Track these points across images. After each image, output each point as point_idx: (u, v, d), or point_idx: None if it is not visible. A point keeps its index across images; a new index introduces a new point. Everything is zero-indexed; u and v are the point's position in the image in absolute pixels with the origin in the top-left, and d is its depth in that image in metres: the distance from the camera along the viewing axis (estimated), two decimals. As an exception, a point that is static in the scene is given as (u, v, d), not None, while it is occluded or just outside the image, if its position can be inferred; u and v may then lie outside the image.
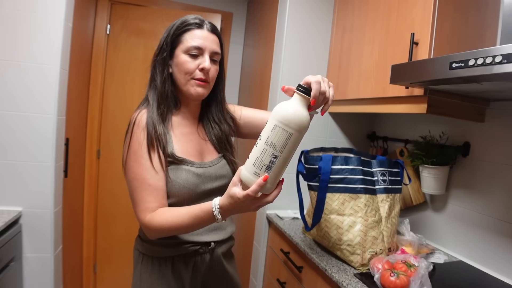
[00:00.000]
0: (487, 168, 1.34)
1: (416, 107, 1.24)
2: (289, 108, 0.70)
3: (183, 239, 0.93)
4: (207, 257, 0.99)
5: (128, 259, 2.35)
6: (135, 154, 0.87)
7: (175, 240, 0.93)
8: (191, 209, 0.78)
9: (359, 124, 1.99)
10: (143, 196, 0.85)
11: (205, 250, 0.98)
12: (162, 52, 0.94)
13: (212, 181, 0.97)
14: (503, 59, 0.77)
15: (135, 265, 1.01)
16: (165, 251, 0.94)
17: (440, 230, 1.52)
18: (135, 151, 0.87)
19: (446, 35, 1.20)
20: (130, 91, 2.29)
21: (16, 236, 1.44)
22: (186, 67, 0.91)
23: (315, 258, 1.27)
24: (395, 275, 1.01)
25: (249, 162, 0.72)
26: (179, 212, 0.80)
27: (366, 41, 1.54)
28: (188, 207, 0.79)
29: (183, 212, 0.80)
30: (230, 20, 2.51)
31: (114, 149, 2.29)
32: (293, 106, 0.70)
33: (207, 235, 0.97)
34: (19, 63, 1.46)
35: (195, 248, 0.95)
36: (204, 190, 0.94)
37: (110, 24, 2.22)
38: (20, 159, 1.49)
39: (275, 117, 0.70)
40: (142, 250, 0.98)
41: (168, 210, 0.83)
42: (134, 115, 0.90)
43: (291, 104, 0.70)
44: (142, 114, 0.89)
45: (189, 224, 0.79)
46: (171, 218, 0.81)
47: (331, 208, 1.24)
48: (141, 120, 0.88)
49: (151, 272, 0.95)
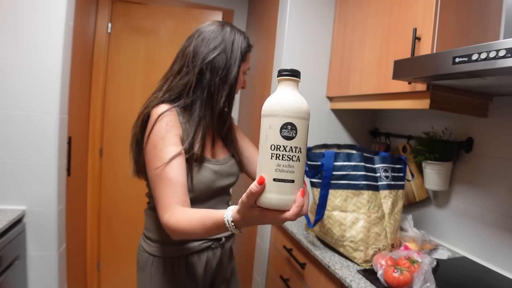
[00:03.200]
0: (490, 163, 1.33)
1: (419, 102, 1.24)
2: (297, 98, 0.58)
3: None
4: (218, 252, 1.02)
5: (132, 256, 2.36)
6: (155, 149, 0.84)
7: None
8: (204, 220, 0.71)
9: (361, 121, 1.98)
10: (163, 192, 0.81)
11: (216, 245, 1.01)
12: (229, 68, 0.91)
13: (225, 178, 0.99)
14: (507, 53, 0.77)
15: (142, 267, 0.99)
16: (178, 250, 0.95)
17: (443, 226, 1.52)
18: (155, 146, 0.84)
19: (449, 29, 1.19)
20: (131, 89, 2.29)
21: (20, 234, 1.45)
22: (240, 86, 0.97)
23: (318, 254, 1.27)
24: (398, 271, 1.01)
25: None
26: (192, 220, 0.73)
27: (368, 36, 1.53)
28: (201, 216, 0.72)
29: (196, 220, 0.72)
30: (231, 17, 2.50)
31: (117, 147, 2.30)
32: (294, 94, 0.58)
33: None
34: (21, 62, 1.46)
35: (208, 244, 0.98)
36: (218, 187, 0.97)
37: (111, 22, 2.22)
38: (23, 158, 1.49)
39: (289, 115, 0.56)
40: (152, 252, 0.96)
41: (184, 214, 0.76)
42: (157, 110, 0.87)
43: (287, 93, 0.58)
44: (162, 108, 0.88)
45: (201, 233, 0.72)
46: (184, 224, 0.74)
47: (334, 204, 1.24)
48: (165, 116, 0.86)
49: (163, 273, 0.94)
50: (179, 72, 0.91)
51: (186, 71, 0.90)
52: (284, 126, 0.55)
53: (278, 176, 0.55)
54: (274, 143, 0.55)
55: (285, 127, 0.55)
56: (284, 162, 0.55)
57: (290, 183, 0.55)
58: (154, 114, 0.87)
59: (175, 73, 0.92)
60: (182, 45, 0.96)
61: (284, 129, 0.55)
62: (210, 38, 0.91)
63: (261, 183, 0.54)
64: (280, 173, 0.55)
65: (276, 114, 0.56)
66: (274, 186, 0.55)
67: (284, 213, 0.56)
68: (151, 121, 0.87)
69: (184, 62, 0.91)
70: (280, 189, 0.55)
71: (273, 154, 0.55)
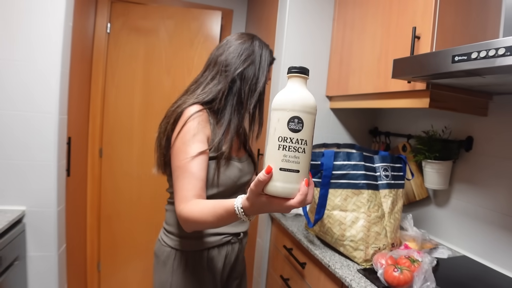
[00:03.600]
0: (490, 162, 1.33)
1: (419, 101, 1.24)
2: (303, 94, 0.62)
3: (218, 231, 1.02)
4: (236, 247, 1.09)
5: (132, 256, 2.36)
6: (183, 144, 0.90)
7: (210, 231, 1.01)
8: (216, 208, 0.75)
9: (361, 120, 1.98)
10: (183, 184, 0.87)
11: (235, 240, 1.08)
12: (258, 77, 1.01)
13: (245, 175, 1.07)
14: (506, 52, 0.77)
15: (163, 261, 1.02)
16: (200, 244, 1.01)
17: (443, 225, 1.52)
18: (184, 141, 0.90)
19: (448, 28, 1.18)
20: (131, 89, 2.29)
21: (20, 235, 1.45)
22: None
23: (318, 254, 1.27)
24: (398, 271, 1.00)
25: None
26: (204, 209, 0.78)
27: (367, 36, 1.53)
28: (213, 205, 0.77)
29: (209, 209, 0.77)
30: (231, 17, 2.50)
31: (116, 147, 2.30)
32: (302, 90, 0.62)
33: (238, 226, 1.07)
34: (20, 62, 1.46)
35: (228, 238, 1.05)
36: (242, 183, 1.05)
37: (110, 22, 2.22)
38: (23, 159, 1.49)
39: (296, 109, 0.60)
40: (175, 246, 1.01)
41: (198, 204, 0.82)
42: (190, 109, 0.93)
43: (295, 89, 0.62)
44: (195, 108, 0.94)
45: (213, 222, 0.77)
46: (197, 213, 0.79)
47: (334, 204, 1.24)
48: (198, 116, 0.93)
49: (185, 267, 1.00)
50: (212, 79, 0.99)
51: (219, 79, 0.99)
52: (291, 120, 0.59)
53: (284, 166, 0.59)
54: (281, 135, 0.59)
55: (292, 120, 0.59)
56: (290, 153, 0.59)
57: (295, 173, 0.59)
58: (187, 113, 0.93)
59: (209, 80, 1.00)
60: (213, 53, 1.04)
61: (291, 122, 0.59)
62: (242, 50, 1.00)
63: (268, 172, 0.59)
64: (286, 163, 0.59)
65: (284, 108, 0.60)
66: (281, 175, 0.59)
67: (289, 200, 0.60)
68: (184, 119, 0.92)
69: (218, 70, 0.99)
70: (286, 178, 0.59)
71: (280, 145, 0.59)
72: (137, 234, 2.37)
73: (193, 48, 2.32)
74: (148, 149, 2.32)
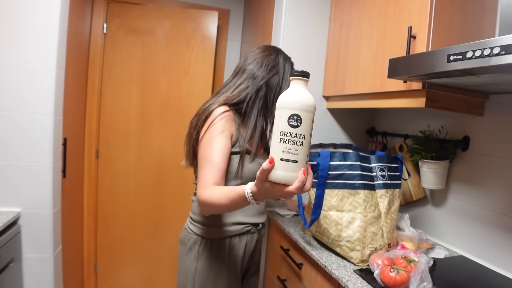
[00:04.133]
0: (487, 162, 1.33)
1: (415, 101, 1.23)
2: (305, 95, 0.70)
3: (239, 221, 1.13)
4: (255, 236, 1.19)
5: (129, 257, 2.36)
6: (211, 138, 1.02)
7: (232, 221, 1.12)
8: (230, 193, 0.86)
9: (358, 120, 1.98)
10: (205, 172, 0.99)
11: (254, 230, 1.18)
12: (282, 86, 1.15)
13: None
14: (501, 51, 0.76)
15: (190, 247, 1.13)
16: (224, 232, 1.11)
17: (440, 225, 1.52)
18: (212, 136, 1.02)
19: (444, 28, 1.18)
20: (127, 89, 2.28)
21: (15, 237, 1.44)
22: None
23: (314, 254, 1.26)
24: (395, 271, 1.00)
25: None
26: (220, 193, 0.89)
27: (364, 36, 1.53)
28: (228, 189, 0.87)
29: (224, 193, 0.88)
30: (227, 17, 2.49)
31: (113, 148, 2.29)
32: (302, 91, 0.71)
33: (257, 217, 1.18)
34: (15, 63, 1.45)
35: (248, 228, 1.15)
36: None
37: (106, 23, 2.21)
38: (18, 160, 1.48)
39: (295, 108, 0.68)
40: (201, 233, 1.12)
41: (216, 189, 0.92)
42: (219, 109, 1.06)
43: (296, 90, 0.71)
44: (224, 108, 1.07)
45: (227, 205, 0.87)
46: (214, 197, 0.90)
47: (330, 204, 1.23)
48: (226, 115, 1.06)
49: (209, 253, 1.11)
50: (240, 84, 1.12)
51: (247, 84, 1.12)
52: (291, 117, 0.68)
53: (284, 156, 0.68)
54: (282, 130, 0.68)
55: (292, 117, 0.68)
56: (289, 145, 0.67)
57: (294, 163, 0.68)
58: (217, 112, 1.06)
59: (237, 85, 1.13)
60: (242, 62, 1.17)
61: (291, 119, 0.68)
62: (268, 61, 1.15)
63: (271, 162, 0.68)
64: (286, 154, 0.68)
65: (285, 107, 0.69)
66: (281, 165, 0.68)
67: (288, 186, 0.69)
68: (213, 117, 1.05)
69: (246, 77, 1.13)
70: (286, 167, 0.68)
71: (281, 139, 0.68)
72: (134, 235, 2.36)
73: (189, 49, 2.32)
74: (145, 149, 2.32)
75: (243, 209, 1.14)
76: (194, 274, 1.10)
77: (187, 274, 1.11)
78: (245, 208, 1.14)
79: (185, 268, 1.12)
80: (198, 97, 2.34)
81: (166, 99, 2.33)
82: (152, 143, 2.32)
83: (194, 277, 1.10)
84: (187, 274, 1.11)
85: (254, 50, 1.19)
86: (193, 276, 1.10)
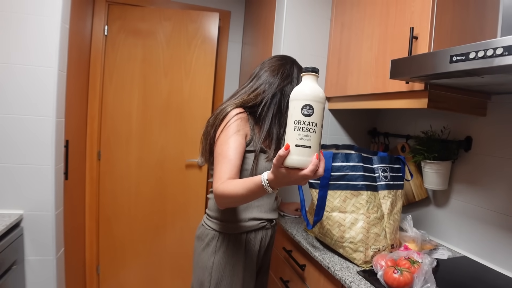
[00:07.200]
0: (489, 162, 1.33)
1: (417, 102, 1.23)
2: (314, 87, 0.78)
3: (255, 217, 1.18)
4: (269, 232, 1.25)
5: (131, 259, 2.35)
6: (227, 137, 1.08)
7: (249, 216, 1.17)
8: (246, 182, 0.90)
9: (359, 121, 1.97)
10: (221, 168, 1.04)
11: (269, 226, 1.24)
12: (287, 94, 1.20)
13: None
14: (504, 51, 0.76)
15: (207, 243, 1.17)
16: (240, 227, 1.17)
17: (443, 226, 1.51)
18: (228, 135, 1.09)
19: (446, 28, 1.18)
20: (129, 91, 2.29)
21: (17, 239, 1.44)
22: None
23: (317, 256, 1.26)
24: (398, 272, 1.00)
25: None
26: (237, 184, 0.93)
27: (365, 36, 1.52)
28: (244, 180, 0.91)
29: (240, 183, 0.92)
30: (228, 18, 2.49)
31: (115, 150, 2.29)
32: (313, 84, 0.78)
33: (271, 213, 1.24)
34: (16, 65, 1.45)
35: (263, 224, 1.21)
36: None
37: (107, 25, 2.22)
38: (20, 162, 1.48)
39: (308, 99, 0.75)
40: (219, 229, 1.16)
41: (231, 181, 0.97)
42: (235, 110, 1.13)
43: (307, 84, 0.79)
44: (239, 110, 1.13)
45: (243, 194, 0.91)
46: (230, 188, 0.94)
47: (333, 205, 1.23)
48: (241, 116, 1.12)
49: (226, 247, 1.15)
50: (256, 89, 1.19)
51: (263, 90, 1.18)
52: (304, 107, 0.75)
53: (298, 143, 0.74)
54: (296, 119, 0.75)
55: (305, 107, 0.75)
56: (303, 133, 0.74)
57: (307, 148, 0.74)
58: (233, 113, 1.12)
59: (253, 89, 1.19)
60: (259, 68, 1.24)
61: (304, 108, 0.75)
62: (284, 70, 1.21)
63: (287, 149, 0.74)
64: (300, 140, 0.74)
65: (299, 98, 0.76)
66: (296, 150, 0.74)
67: (303, 170, 0.75)
68: (229, 117, 1.11)
69: (262, 83, 1.19)
70: (300, 152, 0.74)
71: (295, 127, 0.75)
72: (136, 236, 2.36)
73: (190, 50, 2.32)
74: (147, 151, 2.32)
75: (258, 205, 1.20)
76: (212, 269, 1.14)
77: (204, 269, 1.15)
78: (260, 204, 1.20)
79: (202, 264, 1.16)
80: (199, 99, 2.34)
81: (167, 101, 2.33)
82: (154, 144, 2.32)
83: (212, 271, 1.14)
84: (204, 269, 1.15)
85: (271, 58, 1.25)
86: (210, 271, 1.14)
